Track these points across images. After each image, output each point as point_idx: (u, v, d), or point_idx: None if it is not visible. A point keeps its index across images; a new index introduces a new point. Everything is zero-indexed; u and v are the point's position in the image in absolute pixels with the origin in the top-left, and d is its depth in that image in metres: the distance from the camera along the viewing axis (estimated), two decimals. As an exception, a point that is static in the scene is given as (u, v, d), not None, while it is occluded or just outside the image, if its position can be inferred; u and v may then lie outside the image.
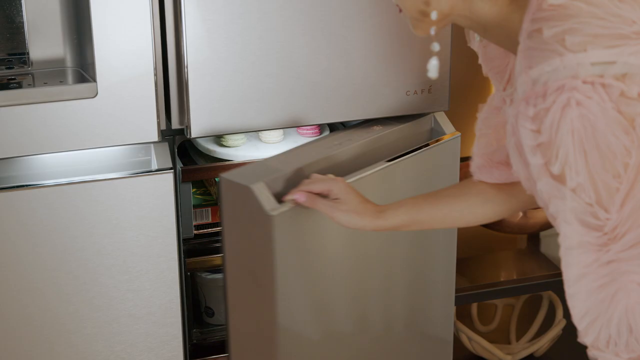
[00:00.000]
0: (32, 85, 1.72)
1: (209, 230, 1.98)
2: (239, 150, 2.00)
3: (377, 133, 1.82)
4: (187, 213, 1.91)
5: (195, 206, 1.94)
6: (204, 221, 1.97)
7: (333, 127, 2.15)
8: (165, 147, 1.81)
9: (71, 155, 1.77)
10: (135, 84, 1.71)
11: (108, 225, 1.77)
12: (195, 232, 1.95)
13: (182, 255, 1.88)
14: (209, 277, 2.03)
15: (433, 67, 1.27)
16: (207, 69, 1.74)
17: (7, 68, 1.77)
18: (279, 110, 1.81)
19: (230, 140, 2.00)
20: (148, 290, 1.82)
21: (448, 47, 1.87)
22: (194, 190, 1.98)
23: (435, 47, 1.26)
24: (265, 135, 2.03)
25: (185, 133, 1.78)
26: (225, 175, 1.58)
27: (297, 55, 1.78)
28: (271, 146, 2.02)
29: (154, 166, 1.79)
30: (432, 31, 1.26)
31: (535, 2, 1.15)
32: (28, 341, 1.78)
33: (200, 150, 2.02)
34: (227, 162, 1.96)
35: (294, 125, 1.87)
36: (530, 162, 1.14)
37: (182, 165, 1.89)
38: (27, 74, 1.77)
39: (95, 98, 1.70)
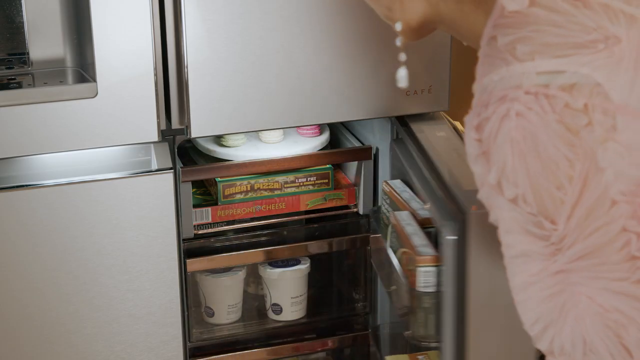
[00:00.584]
0: (32, 85, 1.72)
1: (209, 230, 1.98)
2: (239, 150, 2.00)
3: None
4: (187, 213, 1.91)
5: (195, 206, 1.94)
6: (204, 221, 1.96)
7: (333, 127, 2.15)
8: (165, 147, 1.81)
9: (71, 155, 1.77)
10: (135, 84, 1.71)
11: (108, 225, 1.77)
12: (195, 232, 1.95)
13: (182, 255, 1.89)
14: (209, 277, 2.03)
15: (402, 78, 1.30)
16: (207, 69, 1.74)
17: (7, 68, 1.77)
18: (279, 110, 1.81)
19: (230, 140, 2.00)
20: (148, 290, 1.82)
21: (448, 47, 1.87)
22: (194, 190, 1.98)
23: (402, 57, 1.28)
24: (265, 135, 2.03)
25: (185, 133, 1.78)
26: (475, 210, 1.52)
27: (297, 55, 1.78)
28: (271, 146, 2.02)
29: (154, 166, 1.79)
30: (398, 42, 1.27)
31: (499, 8, 1.14)
32: (28, 341, 1.78)
33: (200, 150, 2.02)
34: (227, 162, 1.96)
35: (294, 125, 1.87)
36: (474, 171, 1.14)
37: (182, 166, 1.89)
38: (27, 74, 1.77)
39: (95, 98, 1.70)
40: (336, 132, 2.14)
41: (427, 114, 1.92)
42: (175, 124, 1.78)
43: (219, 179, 1.95)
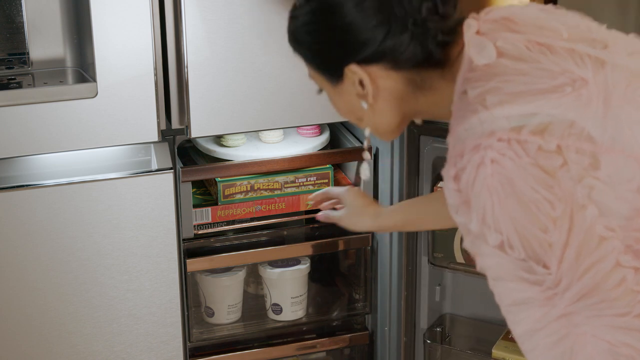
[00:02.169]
0: (32, 85, 1.72)
1: (209, 230, 1.98)
2: (239, 150, 2.00)
3: None
4: (187, 213, 1.90)
5: (195, 206, 1.94)
6: (204, 221, 1.96)
7: (333, 127, 2.15)
8: (165, 147, 1.81)
9: (71, 155, 1.77)
10: (135, 84, 1.71)
11: (108, 225, 1.77)
12: (195, 232, 1.95)
13: (182, 255, 1.89)
14: (209, 277, 2.03)
15: (364, 170, 1.42)
16: (207, 69, 1.74)
17: (7, 68, 1.77)
18: (278, 110, 1.81)
19: (230, 140, 2.00)
20: (148, 290, 1.83)
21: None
22: (194, 190, 1.98)
23: (367, 155, 1.36)
24: (265, 135, 2.03)
25: (185, 133, 1.78)
26: None
27: (296, 55, 1.78)
28: (271, 146, 2.02)
29: (154, 166, 1.79)
30: (365, 142, 1.33)
31: (466, 64, 1.15)
32: (28, 341, 1.79)
33: (200, 150, 2.02)
34: (227, 162, 1.96)
35: (294, 125, 1.87)
36: (457, 221, 1.15)
37: (182, 165, 1.89)
38: (27, 74, 1.77)
39: (95, 98, 1.70)
40: (336, 132, 2.14)
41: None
42: (175, 124, 1.78)
43: (219, 178, 1.95)
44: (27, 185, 1.72)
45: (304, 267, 2.08)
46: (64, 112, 1.69)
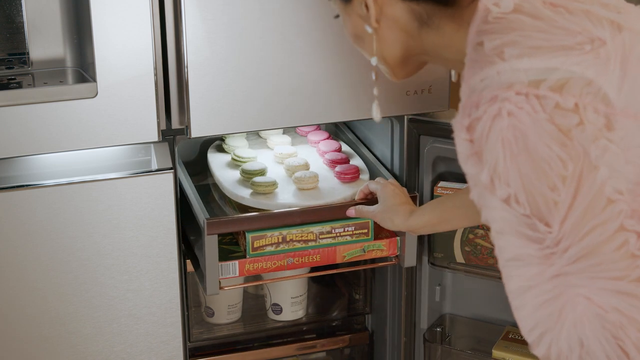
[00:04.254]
0: (32, 85, 1.72)
1: (236, 286, 1.93)
2: (271, 199, 1.85)
3: None
4: (213, 267, 1.78)
5: (221, 259, 1.79)
6: (231, 276, 1.81)
7: (331, 127, 2.15)
8: (165, 147, 1.81)
9: (71, 155, 1.77)
10: (135, 84, 1.71)
11: (108, 225, 1.77)
12: (221, 287, 1.82)
13: (182, 255, 1.88)
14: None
15: (375, 111, 1.39)
16: (207, 69, 1.74)
17: (7, 68, 1.77)
18: (278, 110, 1.81)
19: (260, 187, 1.86)
20: (148, 290, 1.83)
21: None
22: (220, 238, 1.82)
23: (374, 91, 1.35)
24: (300, 181, 1.90)
25: (185, 133, 1.78)
26: None
27: (297, 55, 1.78)
28: (306, 193, 1.89)
29: (154, 166, 1.79)
30: (373, 76, 1.33)
31: (481, 15, 1.15)
32: (28, 341, 1.78)
33: (226, 196, 1.92)
34: (257, 213, 1.83)
35: (294, 125, 1.87)
36: (466, 172, 1.15)
37: (207, 217, 1.76)
38: (27, 74, 1.77)
39: (95, 98, 1.70)
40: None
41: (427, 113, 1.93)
42: (175, 124, 1.78)
43: (249, 231, 1.81)
44: (27, 185, 1.72)
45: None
46: (64, 112, 1.69)
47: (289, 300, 2.10)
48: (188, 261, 1.94)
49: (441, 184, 1.94)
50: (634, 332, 1.08)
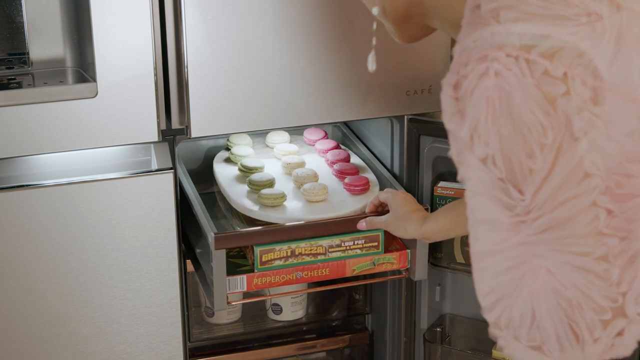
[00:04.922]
0: (32, 85, 1.72)
1: (244, 300, 1.92)
2: (279, 212, 1.84)
3: None
4: (220, 282, 1.76)
5: (229, 273, 1.78)
6: (239, 290, 1.79)
7: (338, 134, 2.15)
8: (165, 147, 1.81)
9: (71, 155, 1.77)
10: (135, 84, 1.71)
11: (108, 225, 1.77)
12: (229, 302, 1.80)
13: (182, 255, 1.88)
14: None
15: (370, 61, 1.36)
16: (207, 69, 1.74)
17: (7, 68, 1.77)
18: (278, 110, 1.81)
19: (269, 199, 1.84)
20: (148, 290, 1.82)
21: (447, 48, 1.87)
22: (227, 251, 1.80)
23: (373, 41, 1.32)
24: (308, 194, 1.89)
25: (185, 133, 1.78)
26: None
27: (297, 55, 1.78)
28: (315, 206, 1.87)
29: (154, 166, 1.79)
30: (374, 26, 1.31)
31: None
32: (28, 341, 1.78)
33: (233, 208, 1.90)
34: (265, 227, 1.81)
35: (294, 125, 1.87)
36: (448, 129, 1.13)
37: (215, 232, 1.75)
38: (27, 74, 1.77)
39: (95, 98, 1.70)
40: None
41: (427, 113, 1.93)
42: (175, 124, 1.78)
43: (257, 244, 1.79)
44: (27, 185, 1.72)
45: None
46: (64, 112, 1.69)
47: (289, 300, 2.10)
48: (188, 261, 1.94)
49: (441, 184, 1.93)
50: (589, 312, 1.07)
